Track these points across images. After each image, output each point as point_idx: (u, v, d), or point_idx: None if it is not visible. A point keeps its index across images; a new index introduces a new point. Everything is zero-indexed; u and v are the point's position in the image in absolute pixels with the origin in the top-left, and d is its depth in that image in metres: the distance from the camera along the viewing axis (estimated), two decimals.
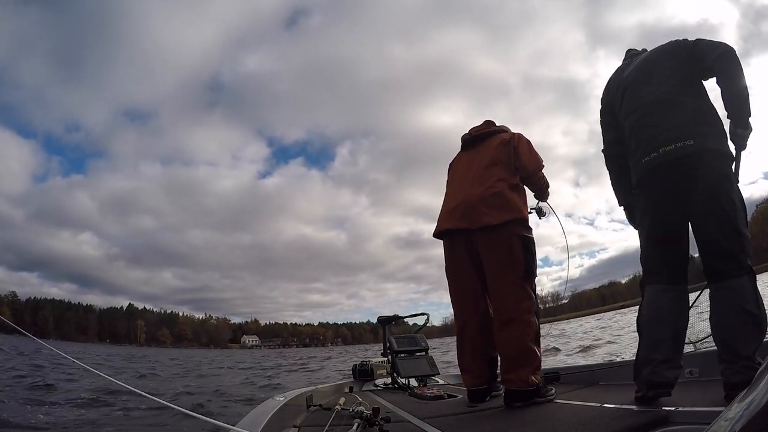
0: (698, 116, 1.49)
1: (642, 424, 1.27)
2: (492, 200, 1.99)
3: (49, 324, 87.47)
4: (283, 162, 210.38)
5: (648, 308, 1.54)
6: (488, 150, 2.16)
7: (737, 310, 1.35)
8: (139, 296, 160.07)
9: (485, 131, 2.26)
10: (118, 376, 7.71)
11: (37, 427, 3.21)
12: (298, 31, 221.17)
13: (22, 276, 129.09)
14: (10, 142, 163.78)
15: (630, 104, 1.66)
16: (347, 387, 3.04)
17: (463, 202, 2.07)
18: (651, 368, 1.44)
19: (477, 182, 2.08)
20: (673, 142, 1.45)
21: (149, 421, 3.58)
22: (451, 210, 2.12)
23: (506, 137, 2.18)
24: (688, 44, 1.59)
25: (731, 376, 1.33)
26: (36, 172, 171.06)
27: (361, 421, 1.35)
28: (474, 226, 2.00)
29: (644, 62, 1.69)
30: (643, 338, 1.53)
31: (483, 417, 1.71)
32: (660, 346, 1.46)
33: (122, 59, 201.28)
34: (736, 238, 1.40)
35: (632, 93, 1.67)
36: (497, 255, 1.96)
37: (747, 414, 0.49)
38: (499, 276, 1.96)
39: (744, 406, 0.52)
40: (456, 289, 2.15)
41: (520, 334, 1.88)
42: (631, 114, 1.65)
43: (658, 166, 1.49)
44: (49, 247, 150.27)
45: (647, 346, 1.49)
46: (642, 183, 1.59)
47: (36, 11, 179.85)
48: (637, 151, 1.59)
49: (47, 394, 4.77)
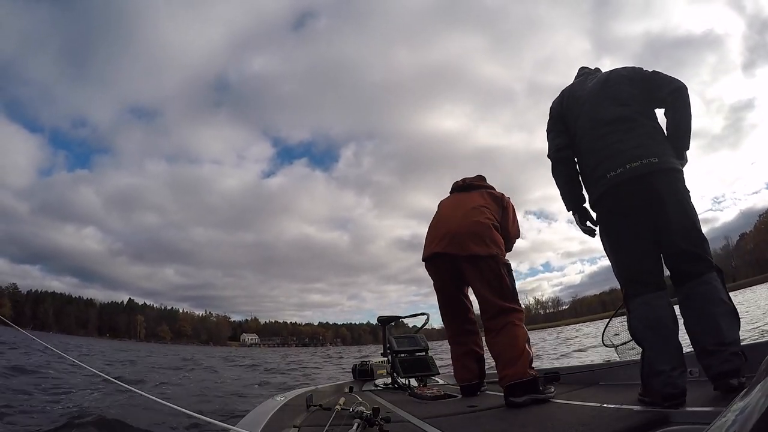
0: (657, 136, 1.62)
1: (642, 424, 1.27)
2: (480, 234, 2.22)
3: (49, 317, 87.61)
4: (287, 162, 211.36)
5: (646, 318, 1.52)
6: (479, 195, 2.45)
7: (717, 300, 1.46)
8: (140, 292, 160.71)
9: (477, 183, 2.56)
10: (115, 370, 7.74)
11: (30, 426, 3.20)
12: (304, 34, 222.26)
13: (24, 268, 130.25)
14: (17, 136, 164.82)
15: (590, 120, 1.71)
16: (347, 387, 3.04)
17: (451, 232, 2.29)
18: (664, 379, 1.40)
19: (466, 217, 2.31)
20: (639, 159, 1.54)
21: (148, 421, 3.57)
22: (440, 237, 2.33)
23: (497, 193, 2.50)
24: (646, 74, 1.71)
25: (721, 365, 1.38)
26: (42, 166, 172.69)
27: (361, 421, 1.35)
28: (461, 254, 2.22)
29: (605, 83, 1.75)
30: (647, 349, 1.50)
31: (483, 417, 1.71)
32: (667, 355, 1.45)
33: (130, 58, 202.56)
34: (704, 244, 1.55)
35: (594, 109, 1.72)
36: (487, 283, 2.18)
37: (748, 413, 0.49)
38: (490, 300, 2.16)
39: (744, 405, 0.52)
40: (444, 303, 2.48)
41: (513, 337, 2.06)
42: (591, 130, 1.69)
43: (626, 181, 1.55)
44: (52, 241, 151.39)
45: (654, 357, 1.46)
46: (607, 198, 1.61)
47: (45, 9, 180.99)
48: (599, 166, 1.62)
49: (43, 394, 4.76)
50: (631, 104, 1.66)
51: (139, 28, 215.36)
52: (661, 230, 1.55)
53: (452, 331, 2.48)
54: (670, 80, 1.65)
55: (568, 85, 1.93)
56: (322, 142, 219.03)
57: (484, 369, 2.41)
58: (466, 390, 2.36)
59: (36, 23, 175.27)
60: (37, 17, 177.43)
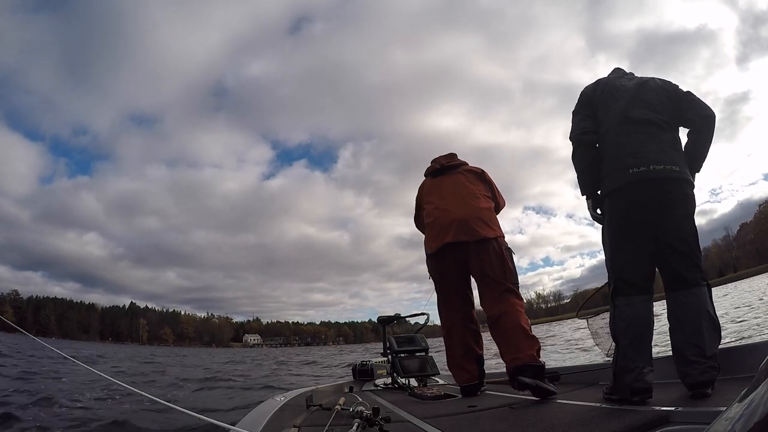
0: (680, 148, 1.71)
1: (642, 424, 1.27)
2: (484, 217, 2.35)
3: (51, 322, 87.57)
4: (287, 164, 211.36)
5: (628, 318, 1.59)
6: (464, 178, 2.51)
7: (705, 313, 1.55)
8: (142, 295, 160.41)
9: (455, 163, 2.62)
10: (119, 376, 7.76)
11: (31, 427, 3.20)
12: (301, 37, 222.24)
13: (26, 275, 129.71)
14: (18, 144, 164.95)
15: (621, 115, 1.73)
16: (347, 387, 3.03)
17: (458, 219, 2.34)
18: (635, 375, 1.52)
19: (466, 204, 2.38)
20: (663, 163, 1.60)
21: (148, 421, 3.58)
22: (447, 226, 2.36)
23: (477, 169, 2.58)
24: (681, 92, 1.78)
25: (700, 375, 1.48)
26: (42, 173, 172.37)
27: (361, 421, 1.35)
28: (471, 239, 2.29)
29: (643, 86, 1.79)
30: (623, 346, 1.59)
31: (483, 417, 1.70)
32: (641, 353, 1.55)
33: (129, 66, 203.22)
34: (700, 255, 1.63)
35: (627, 107, 1.75)
36: (492, 265, 2.26)
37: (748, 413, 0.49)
38: (494, 283, 2.25)
39: (744, 405, 0.52)
40: (446, 295, 2.45)
41: (517, 322, 2.14)
42: (620, 125, 1.72)
43: (647, 180, 1.60)
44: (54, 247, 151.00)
45: (630, 354, 1.56)
46: (624, 191, 1.65)
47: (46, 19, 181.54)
48: (622, 160, 1.65)
49: (40, 393, 4.76)
50: (662, 113, 1.71)
51: (137, 36, 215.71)
52: (666, 234, 1.60)
53: (448, 326, 2.41)
54: (703, 106, 1.74)
55: (605, 77, 1.94)
56: (320, 144, 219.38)
57: (483, 370, 2.39)
58: (466, 391, 2.33)
59: (36, 33, 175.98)
60: (37, 27, 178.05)
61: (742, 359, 1.70)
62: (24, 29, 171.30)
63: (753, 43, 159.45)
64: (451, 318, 2.42)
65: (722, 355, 1.72)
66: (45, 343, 1.85)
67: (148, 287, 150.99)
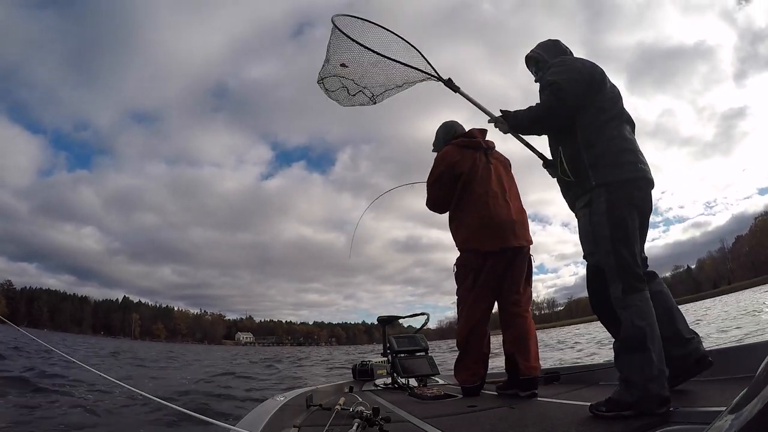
0: None
1: (642, 424, 1.27)
2: (525, 222, 2.43)
3: (43, 314, 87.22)
4: (285, 165, 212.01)
5: (650, 315, 1.45)
6: (506, 168, 2.53)
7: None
8: (136, 290, 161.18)
9: (493, 146, 2.56)
10: None
11: (28, 426, 3.19)
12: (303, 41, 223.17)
13: (21, 266, 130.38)
14: (19, 137, 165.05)
15: (623, 112, 1.70)
16: (347, 387, 3.03)
17: (518, 222, 2.36)
18: (661, 383, 1.35)
19: (519, 202, 2.45)
20: (648, 168, 1.63)
21: (148, 421, 3.57)
22: (508, 227, 2.31)
23: (506, 160, 2.59)
24: None
25: (699, 348, 1.62)
26: (42, 166, 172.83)
27: (361, 421, 1.35)
28: (526, 245, 2.36)
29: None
30: (652, 351, 1.39)
31: (483, 417, 1.71)
32: (663, 357, 1.40)
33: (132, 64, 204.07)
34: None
35: (623, 105, 1.72)
36: (523, 271, 2.37)
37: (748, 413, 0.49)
38: (520, 286, 2.37)
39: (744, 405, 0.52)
40: (479, 296, 2.33)
41: (530, 326, 2.30)
42: (622, 118, 1.68)
43: (649, 180, 1.62)
44: (50, 239, 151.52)
45: (658, 358, 1.39)
46: (632, 184, 1.58)
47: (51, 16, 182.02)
48: (628, 153, 1.60)
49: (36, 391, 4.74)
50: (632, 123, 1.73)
51: (142, 35, 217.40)
52: (642, 237, 1.63)
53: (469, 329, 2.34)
54: None
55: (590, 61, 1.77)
56: (319, 146, 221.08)
57: (487, 371, 2.40)
58: (468, 391, 2.31)
59: (42, 29, 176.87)
60: (43, 24, 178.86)
61: (741, 359, 1.71)
62: (29, 24, 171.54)
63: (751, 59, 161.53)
64: (474, 320, 2.34)
65: (722, 355, 1.73)
66: (50, 346, 1.84)
67: (142, 282, 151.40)
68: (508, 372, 2.28)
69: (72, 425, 3.33)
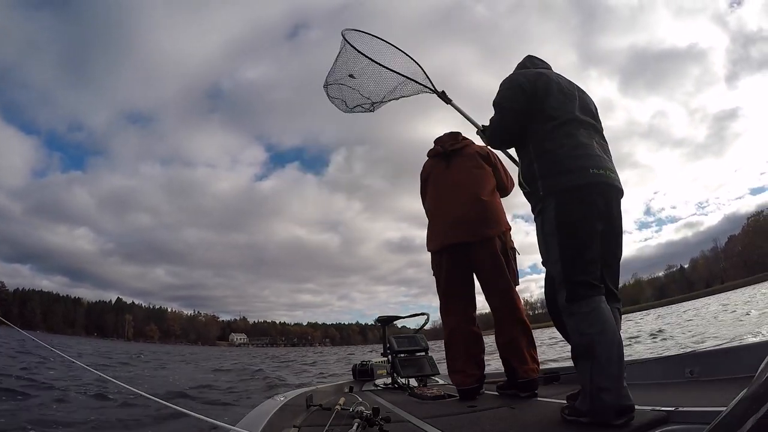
0: None
1: (642, 424, 1.27)
2: (488, 214, 2.27)
3: (36, 316, 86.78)
4: (279, 166, 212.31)
5: (601, 322, 1.38)
6: (471, 161, 2.41)
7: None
8: (130, 291, 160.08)
9: (459, 146, 2.49)
10: None
11: (26, 426, 3.18)
12: (298, 43, 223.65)
13: (14, 267, 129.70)
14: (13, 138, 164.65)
15: (575, 114, 1.62)
16: (347, 387, 3.03)
17: (462, 216, 2.27)
18: (618, 392, 1.30)
19: (471, 196, 2.30)
20: (614, 173, 1.56)
21: (147, 420, 3.56)
22: (450, 224, 2.30)
23: (482, 151, 2.45)
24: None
25: None
26: (36, 167, 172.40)
27: (361, 421, 1.35)
28: (474, 240, 2.24)
29: (581, 92, 1.72)
30: (600, 358, 1.34)
31: (483, 417, 1.71)
32: (618, 363, 1.34)
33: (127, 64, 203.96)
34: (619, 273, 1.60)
35: (581, 106, 1.65)
36: (497, 265, 2.24)
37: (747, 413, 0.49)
38: (499, 283, 2.25)
39: (744, 405, 0.52)
40: (447, 297, 2.36)
41: (525, 330, 2.22)
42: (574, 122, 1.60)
43: (604, 185, 1.52)
44: (44, 240, 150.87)
45: (608, 367, 1.33)
46: (584, 190, 1.50)
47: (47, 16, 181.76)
48: (578, 158, 1.53)
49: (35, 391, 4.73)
50: (599, 122, 1.69)
51: (137, 36, 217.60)
52: (609, 246, 1.52)
53: (450, 329, 2.33)
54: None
55: (543, 70, 1.79)
56: (313, 147, 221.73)
57: (484, 374, 2.30)
58: (464, 394, 2.23)
59: (36, 30, 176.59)
60: (38, 24, 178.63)
61: (741, 359, 1.71)
62: (24, 25, 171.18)
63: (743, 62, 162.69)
64: (452, 322, 2.32)
65: (721, 356, 1.73)
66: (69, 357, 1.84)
67: (136, 283, 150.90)
68: (506, 374, 2.27)
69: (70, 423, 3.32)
